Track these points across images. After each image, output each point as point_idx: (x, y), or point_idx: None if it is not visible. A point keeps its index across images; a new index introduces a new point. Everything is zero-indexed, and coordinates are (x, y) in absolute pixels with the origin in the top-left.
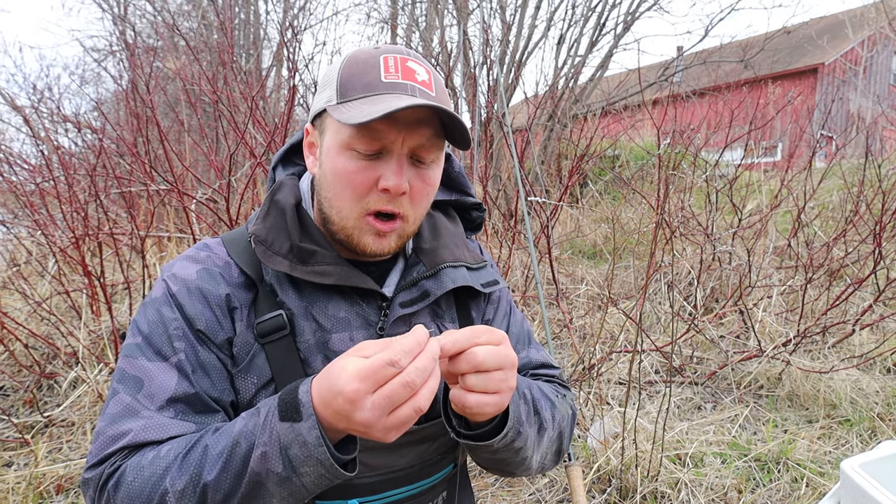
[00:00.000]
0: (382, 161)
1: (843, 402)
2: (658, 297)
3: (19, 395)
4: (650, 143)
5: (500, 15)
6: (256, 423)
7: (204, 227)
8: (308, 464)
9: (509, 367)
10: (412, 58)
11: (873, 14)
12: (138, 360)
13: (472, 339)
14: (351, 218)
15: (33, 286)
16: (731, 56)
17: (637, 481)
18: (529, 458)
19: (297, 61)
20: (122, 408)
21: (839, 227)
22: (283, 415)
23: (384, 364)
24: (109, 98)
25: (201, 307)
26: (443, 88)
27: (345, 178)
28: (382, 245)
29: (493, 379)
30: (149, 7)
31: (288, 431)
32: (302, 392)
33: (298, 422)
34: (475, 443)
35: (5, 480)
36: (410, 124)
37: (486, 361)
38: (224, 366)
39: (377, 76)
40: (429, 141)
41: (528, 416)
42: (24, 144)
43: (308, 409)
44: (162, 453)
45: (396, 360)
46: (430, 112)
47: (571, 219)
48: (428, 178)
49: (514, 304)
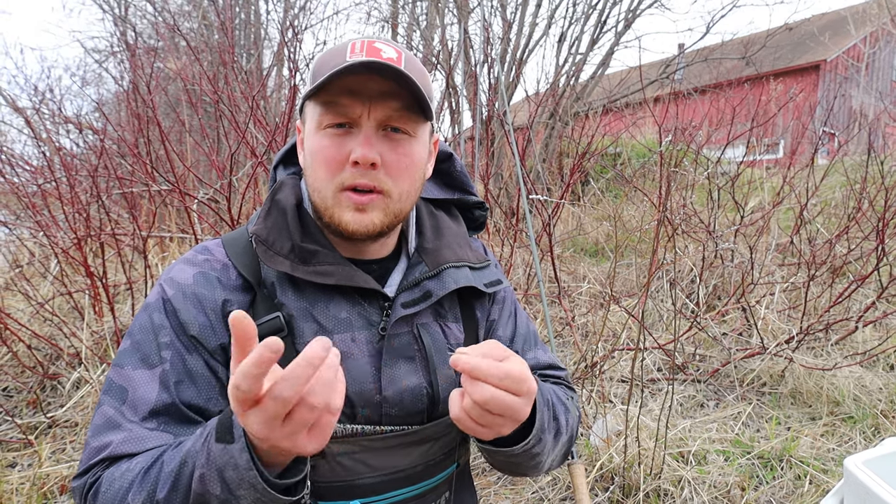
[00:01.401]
0: (352, 135)
1: (847, 399)
2: (660, 295)
3: (23, 396)
4: (652, 141)
5: (501, 13)
6: (200, 443)
7: (206, 227)
8: (242, 487)
9: (510, 419)
10: (383, 41)
11: (875, 10)
12: (125, 370)
13: (493, 377)
14: (328, 196)
15: (36, 287)
16: (732, 53)
17: (640, 479)
18: (544, 462)
19: (298, 61)
20: (106, 420)
21: (842, 224)
22: (218, 436)
23: (231, 387)
24: (111, 99)
25: (195, 312)
26: (415, 67)
27: (320, 155)
28: (363, 221)
29: (493, 421)
30: (149, 8)
31: (222, 453)
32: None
33: (231, 443)
34: (495, 448)
35: (9, 481)
36: (374, 97)
37: (489, 404)
38: (213, 373)
39: (343, 58)
40: (396, 112)
41: (548, 423)
42: (26, 146)
43: (239, 429)
44: (132, 466)
45: (237, 384)
46: (397, 86)
47: (573, 217)
48: (402, 149)
49: (518, 304)
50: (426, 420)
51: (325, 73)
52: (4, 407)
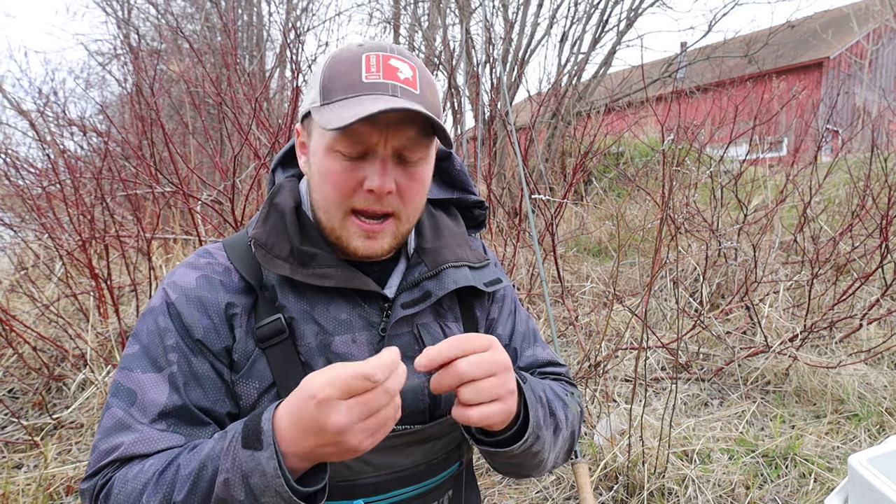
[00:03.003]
0: (367, 162)
1: (851, 397)
2: (664, 294)
3: (28, 398)
4: (654, 140)
5: (503, 13)
6: (222, 447)
7: (209, 228)
8: (267, 494)
9: (502, 372)
10: (396, 54)
11: (878, 7)
12: (133, 373)
13: (454, 351)
14: (336, 219)
15: (41, 289)
16: (734, 51)
17: (644, 478)
18: (546, 460)
19: (300, 62)
20: (115, 422)
21: (845, 222)
22: (245, 442)
23: (358, 376)
24: (114, 101)
25: (199, 315)
26: (429, 84)
27: (330, 179)
28: (373, 247)
29: (486, 387)
30: (152, 10)
31: (249, 459)
32: (265, 420)
33: (259, 450)
34: (494, 449)
35: (16, 482)
36: (392, 125)
37: (470, 371)
38: (219, 375)
39: (358, 76)
40: (411, 140)
41: (544, 419)
42: (31, 149)
43: (268, 437)
44: (145, 467)
45: (372, 374)
46: (414, 111)
47: (576, 216)
48: (416, 175)
49: (518, 303)
50: (428, 419)
51: (338, 92)
52: (10, 408)
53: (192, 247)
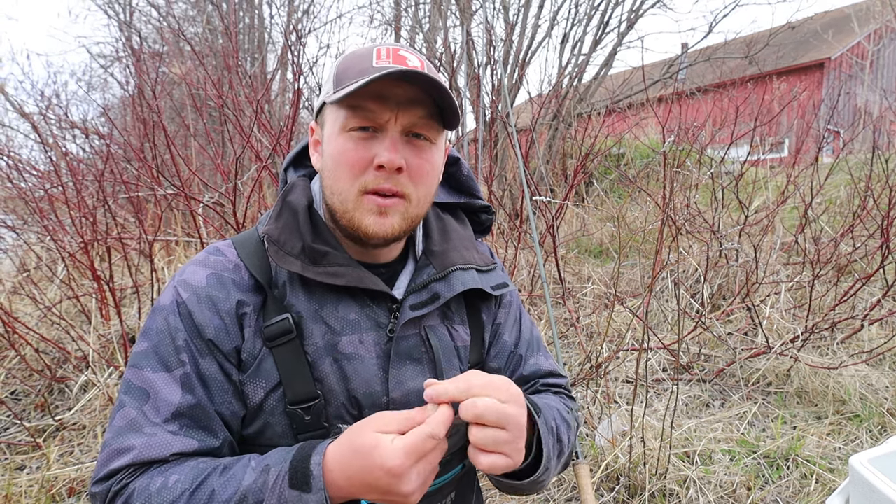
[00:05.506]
0: (377, 139)
1: (853, 397)
2: (665, 295)
3: (31, 400)
4: (655, 141)
5: (504, 15)
6: (266, 482)
7: (211, 230)
8: None
9: (514, 429)
10: (406, 49)
11: (879, 7)
12: (144, 372)
13: (468, 391)
14: (350, 199)
15: (43, 291)
16: (735, 52)
17: (645, 479)
18: (547, 482)
19: (302, 64)
20: (128, 421)
21: (847, 223)
22: (292, 482)
23: (426, 437)
24: (116, 104)
25: (210, 315)
26: (436, 75)
27: (342, 158)
28: (384, 225)
29: (498, 438)
30: (154, 13)
31: (296, 500)
32: (314, 464)
33: (307, 492)
34: (504, 480)
35: (18, 483)
36: (402, 103)
37: (485, 414)
38: (227, 377)
39: (370, 63)
40: (421, 119)
41: (553, 447)
42: (33, 151)
43: (318, 482)
44: (170, 483)
45: (437, 433)
46: (422, 93)
47: (577, 218)
48: (426, 155)
49: (523, 309)
50: None
51: (351, 78)
52: (13, 410)
53: (193, 249)
